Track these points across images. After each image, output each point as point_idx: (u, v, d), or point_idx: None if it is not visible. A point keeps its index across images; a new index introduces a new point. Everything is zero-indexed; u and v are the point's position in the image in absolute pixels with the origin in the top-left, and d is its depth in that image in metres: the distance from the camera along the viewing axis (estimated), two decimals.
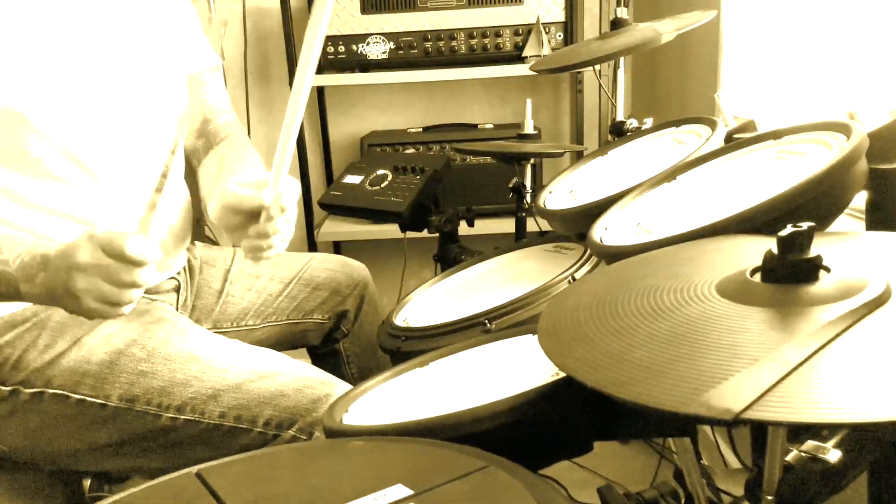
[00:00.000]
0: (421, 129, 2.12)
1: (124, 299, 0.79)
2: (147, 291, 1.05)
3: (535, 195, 1.38)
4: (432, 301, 1.08)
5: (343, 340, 1.30)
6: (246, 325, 1.22)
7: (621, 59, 1.55)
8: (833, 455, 0.51)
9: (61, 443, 0.94)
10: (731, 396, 0.37)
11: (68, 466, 0.99)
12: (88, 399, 0.90)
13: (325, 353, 1.32)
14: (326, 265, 1.29)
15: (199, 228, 1.79)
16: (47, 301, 0.83)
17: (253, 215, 0.89)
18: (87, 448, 0.94)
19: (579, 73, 2.14)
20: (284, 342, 1.27)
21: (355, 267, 1.31)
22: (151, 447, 0.93)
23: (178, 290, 1.13)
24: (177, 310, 1.14)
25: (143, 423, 0.91)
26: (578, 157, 1.49)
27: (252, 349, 0.98)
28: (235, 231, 0.92)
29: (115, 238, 0.77)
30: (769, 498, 0.51)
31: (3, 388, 0.90)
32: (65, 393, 0.90)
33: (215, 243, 1.90)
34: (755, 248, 0.51)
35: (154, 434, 0.91)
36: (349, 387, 0.89)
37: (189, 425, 0.91)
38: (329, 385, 0.93)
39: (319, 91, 2.25)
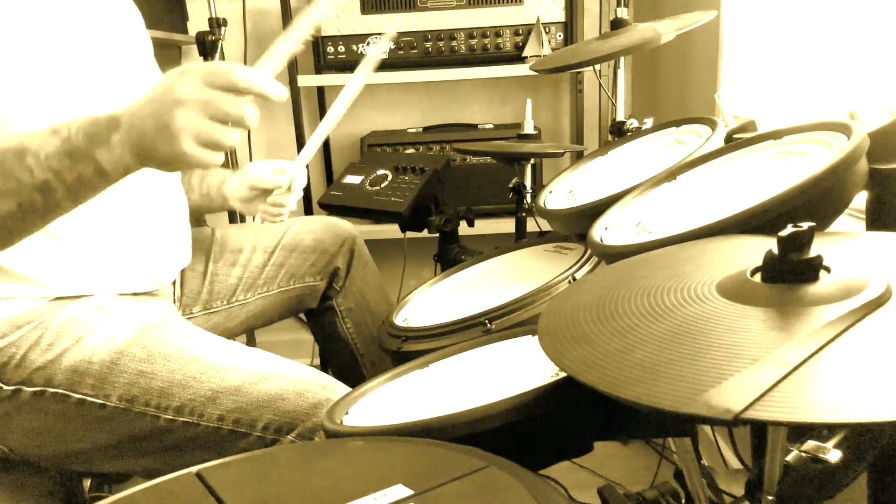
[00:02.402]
0: (421, 129, 2.12)
1: (226, 139, 0.74)
2: (147, 293, 1.06)
3: (535, 195, 1.38)
4: (432, 301, 1.08)
5: (336, 297, 1.31)
6: (237, 301, 1.21)
7: (621, 59, 1.55)
8: (833, 455, 0.51)
9: (61, 443, 0.94)
10: (731, 396, 0.37)
11: (68, 467, 0.99)
12: (88, 399, 0.90)
13: (320, 312, 1.32)
14: (310, 227, 1.30)
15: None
16: (133, 160, 0.75)
17: (266, 191, 1.16)
18: (87, 448, 0.94)
19: (579, 73, 2.14)
20: (281, 310, 1.27)
21: (339, 224, 1.32)
22: (150, 449, 0.93)
23: (173, 283, 1.13)
24: (174, 301, 1.14)
25: (142, 424, 0.91)
26: (578, 157, 1.49)
27: (252, 351, 0.98)
28: (248, 203, 1.17)
29: (217, 67, 0.72)
30: (769, 498, 0.51)
31: (6, 387, 0.90)
32: (65, 392, 0.90)
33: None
34: (755, 248, 0.51)
35: (152, 436, 0.91)
36: (349, 390, 0.89)
37: (187, 427, 0.90)
38: (329, 389, 0.92)
39: (319, 91, 2.25)
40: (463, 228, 1.48)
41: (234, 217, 1.90)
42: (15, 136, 0.76)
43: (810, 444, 0.52)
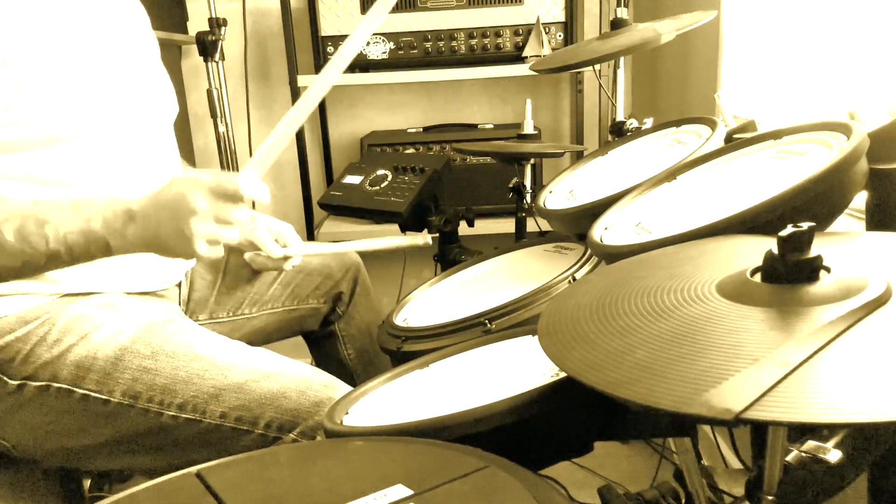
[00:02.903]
0: (421, 129, 2.12)
1: (231, 238, 0.86)
2: (153, 293, 1.07)
3: (535, 195, 1.38)
4: (432, 301, 1.08)
5: (338, 322, 1.32)
6: (243, 315, 1.22)
7: (621, 59, 1.55)
8: (833, 455, 0.51)
9: (65, 439, 0.94)
10: (731, 396, 0.37)
11: (71, 464, 0.99)
12: (92, 394, 0.90)
13: (322, 337, 1.33)
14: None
15: None
16: (143, 250, 0.85)
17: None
18: (90, 445, 0.94)
19: (579, 73, 2.14)
20: (284, 329, 1.28)
21: (345, 252, 1.33)
22: (152, 446, 0.93)
23: (179, 285, 1.14)
24: (179, 304, 1.14)
25: (145, 420, 0.91)
26: (578, 157, 1.49)
27: (255, 350, 0.98)
28: (245, 245, 1.17)
29: (226, 182, 0.84)
30: (769, 498, 0.51)
31: (11, 382, 0.90)
32: (69, 388, 0.90)
33: None
34: (755, 248, 0.51)
35: (155, 432, 0.92)
36: (350, 389, 0.89)
37: (190, 424, 0.91)
38: (331, 388, 0.93)
39: None
40: (463, 228, 1.48)
41: None
42: (40, 202, 0.84)
43: (810, 444, 0.52)
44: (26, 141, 0.88)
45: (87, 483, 1.15)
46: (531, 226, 1.47)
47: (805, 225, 0.46)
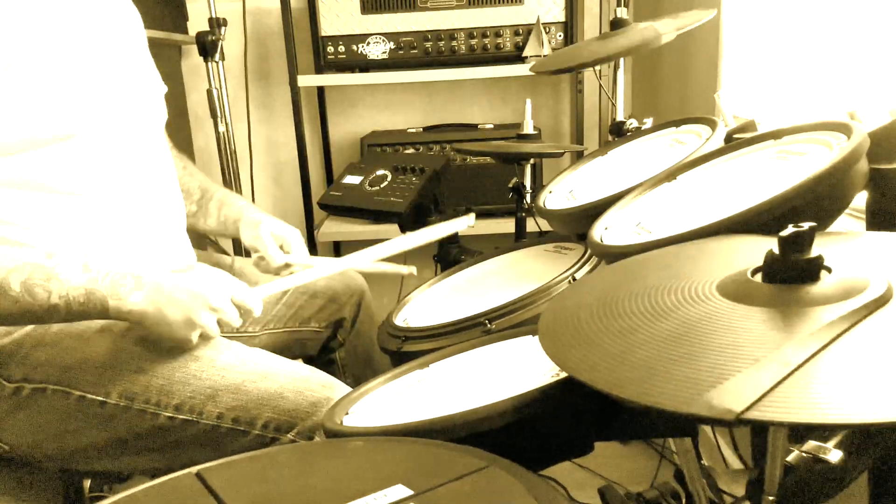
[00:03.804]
0: (421, 129, 2.12)
1: (216, 336, 0.93)
2: None
3: (535, 195, 1.38)
4: (432, 301, 1.08)
5: (339, 350, 1.30)
6: (246, 332, 1.22)
7: (621, 60, 1.54)
8: (834, 455, 0.51)
9: (61, 441, 0.94)
10: (732, 397, 0.37)
11: (68, 465, 0.99)
12: (89, 396, 0.90)
13: (322, 364, 1.32)
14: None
15: (200, 236, 1.81)
16: (136, 319, 0.87)
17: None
18: (87, 446, 0.94)
19: (579, 73, 2.14)
20: (283, 351, 1.27)
21: (352, 276, 1.31)
22: (150, 447, 0.93)
23: None
24: None
25: (142, 421, 0.91)
26: (578, 157, 1.49)
27: (252, 350, 0.98)
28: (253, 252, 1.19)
29: (248, 302, 0.93)
30: (770, 498, 0.51)
31: (8, 384, 0.90)
32: (66, 389, 0.90)
33: (214, 243, 1.89)
34: (756, 248, 0.51)
35: (152, 433, 0.91)
36: (348, 389, 0.89)
37: (187, 425, 0.91)
38: (329, 388, 0.92)
39: (319, 91, 2.25)
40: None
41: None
42: (49, 254, 0.85)
43: (811, 444, 0.52)
44: (11, 144, 0.87)
45: (87, 483, 1.15)
46: (531, 226, 1.47)
47: (806, 225, 0.46)
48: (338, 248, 2.32)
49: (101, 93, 0.95)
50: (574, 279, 0.91)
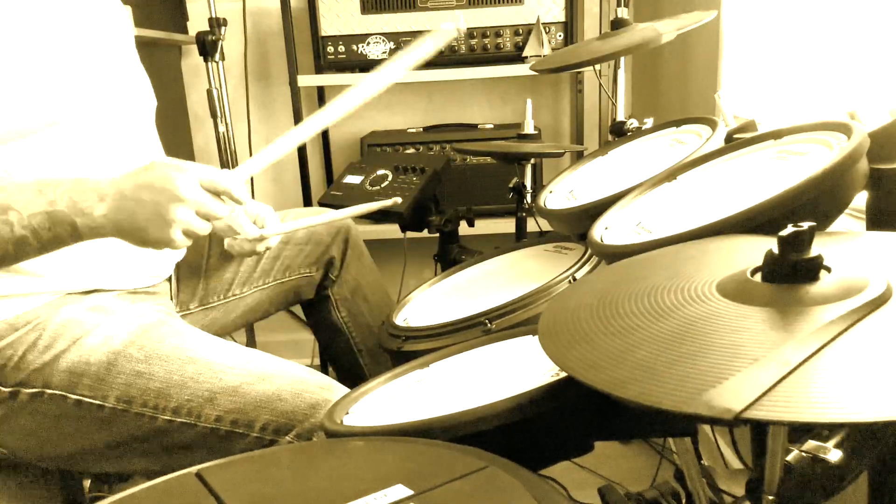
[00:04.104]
0: (421, 129, 2.12)
1: (205, 231, 0.86)
2: (144, 290, 1.06)
3: (535, 195, 1.38)
4: (432, 301, 1.08)
5: (331, 287, 1.31)
6: (234, 295, 1.21)
7: (621, 59, 1.55)
8: (833, 455, 0.51)
9: (60, 444, 0.93)
10: (731, 396, 0.37)
11: (68, 467, 0.99)
12: (86, 400, 0.90)
13: (316, 302, 1.32)
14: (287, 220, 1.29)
15: None
16: (112, 233, 0.83)
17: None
18: (86, 450, 0.94)
19: (579, 73, 2.14)
20: (278, 302, 1.27)
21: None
22: (148, 450, 0.93)
23: (169, 279, 1.13)
24: (171, 298, 1.14)
25: (140, 424, 0.91)
26: (578, 157, 1.49)
27: (250, 352, 0.97)
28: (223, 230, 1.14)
29: (220, 181, 0.85)
30: (770, 498, 0.51)
31: (4, 389, 0.90)
32: (63, 393, 0.90)
33: None
34: (755, 248, 0.51)
35: (151, 436, 0.91)
36: (347, 390, 0.89)
37: (185, 428, 0.90)
38: (327, 390, 0.92)
39: (319, 91, 2.25)
40: (463, 228, 1.47)
41: None
42: (4, 188, 0.81)
43: (811, 443, 0.52)
44: None
45: (87, 483, 1.15)
46: (531, 226, 1.47)
47: (805, 225, 0.46)
48: None
49: (82, 81, 0.94)
50: (574, 279, 0.91)
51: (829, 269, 0.48)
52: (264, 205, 1.16)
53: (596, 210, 0.87)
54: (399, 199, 1.18)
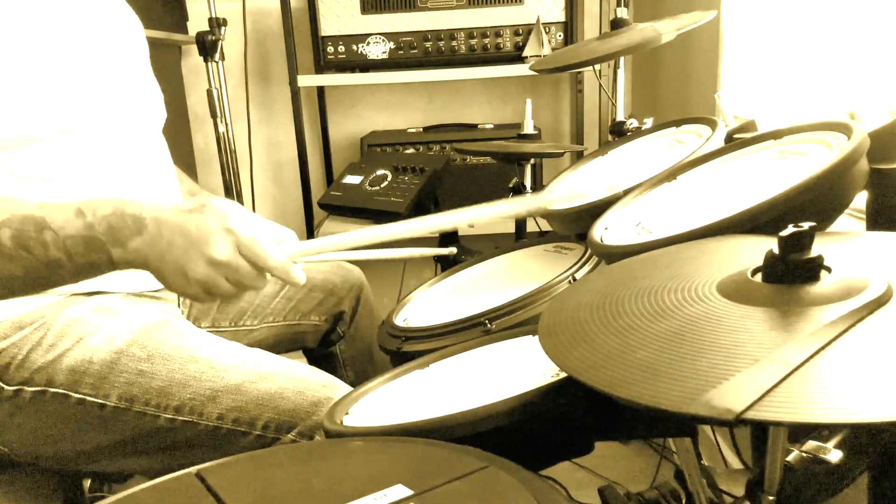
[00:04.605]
0: (421, 129, 2.12)
1: (235, 298, 0.79)
2: (151, 294, 1.06)
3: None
4: (432, 301, 1.08)
5: (339, 343, 1.31)
6: (245, 326, 1.22)
7: (621, 59, 1.55)
8: (834, 455, 0.51)
9: (62, 443, 0.94)
10: (732, 396, 0.37)
11: (69, 467, 0.99)
12: (89, 399, 0.90)
13: (321, 357, 1.32)
14: (322, 267, 1.29)
15: None
16: (141, 267, 0.78)
17: None
18: (87, 449, 0.94)
19: (579, 73, 2.14)
20: (282, 343, 1.27)
21: (350, 269, 1.32)
22: (150, 449, 0.93)
23: None
24: (179, 307, 1.14)
25: (142, 423, 0.91)
26: (578, 157, 1.49)
27: (251, 351, 0.98)
28: None
29: (259, 246, 0.76)
30: (770, 498, 0.51)
31: (7, 387, 0.90)
32: (66, 392, 0.90)
33: None
34: (755, 248, 0.51)
35: (153, 435, 0.91)
36: (349, 389, 0.89)
37: (187, 427, 0.90)
38: (329, 388, 0.92)
39: (319, 91, 2.25)
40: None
41: None
42: (40, 205, 0.77)
43: (811, 444, 0.52)
44: (12, 139, 0.87)
45: (87, 483, 1.15)
46: (531, 226, 1.47)
47: (806, 225, 0.46)
48: None
49: (98, 90, 0.95)
50: (574, 279, 0.91)
51: (829, 270, 0.48)
52: (287, 230, 1.16)
53: (596, 210, 0.87)
54: (454, 250, 1.15)
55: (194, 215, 0.76)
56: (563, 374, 0.60)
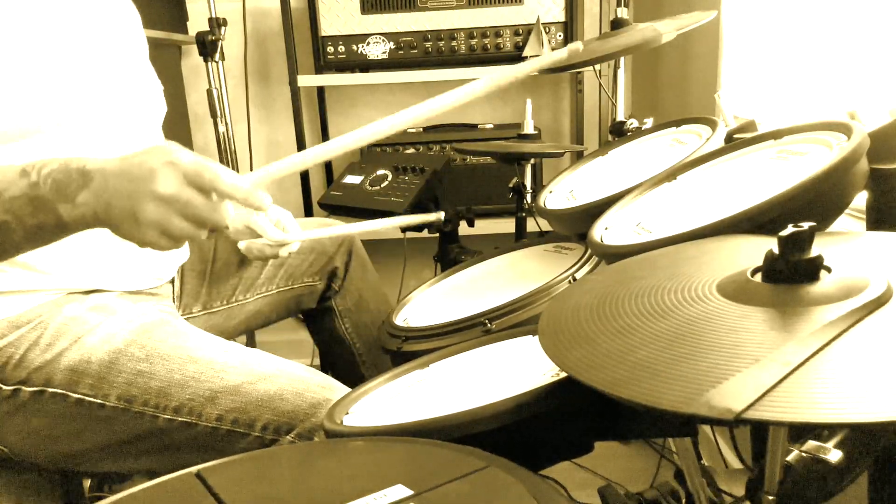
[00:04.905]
0: (421, 130, 2.12)
1: (194, 236, 0.73)
2: (147, 291, 1.06)
3: (535, 195, 1.38)
4: (432, 301, 1.08)
5: (335, 297, 1.31)
6: (237, 301, 1.21)
7: (621, 59, 1.55)
8: (833, 455, 0.51)
9: (60, 443, 0.93)
10: (732, 396, 0.37)
11: (68, 467, 0.99)
12: (87, 399, 0.90)
13: (319, 312, 1.33)
14: (308, 228, 1.29)
15: None
16: (93, 223, 0.73)
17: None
18: (86, 449, 0.94)
19: (579, 73, 2.14)
20: (280, 310, 1.28)
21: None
22: (149, 449, 0.93)
23: (172, 282, 1.14)
24: (173, 300, 1.14)
25: (141, 424, 0.91)
26: (578, 157, 1.49)
27: (251, 351, 0.98)
28: (238, 233, 1.11)
29: (206, 170, 0.70)
30: (770, 498, 0.51)
31: (5, 387, 0.90)
32: (64, 392, 0.90)
33: None
34: (755, 248, 0.51)
35: (151, 436, 0.91)
36: (347, 390, 0.89)
37: (186, 427, 0.90)
38: (328, 389, 0.92)
39: (319, 91, 2.25)
40: (463, 228, 1.47)
41: None
42: None
43: (811, 444, 0.52)
44: (6, 133, 0.87)
45: (87, 483, 1.15)
46: (531, 226, 1.47)
47: (805, 225, 0.46)
48: None
49: (88, 81, 0.95)
50: (574, 279, 0.91)
51: (829, 270, 0.48)
52: (283, 210, 1.16)
53: (596, 210, 0.87)
54: (442, 214, 1.15)
55: (136, 157, 0.72)
56: (563, 374, 0.60)
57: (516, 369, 0.72)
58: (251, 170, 2.31)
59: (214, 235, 0.83)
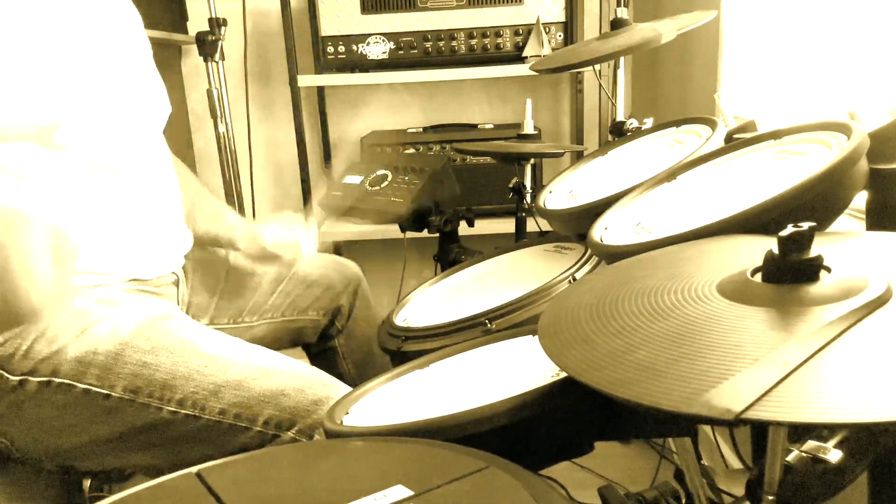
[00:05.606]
0: (421, 129, 2.12)
1: None
2: (149, 286, 1.07)
3: (535, 195, 1.38)
4: (432, 301, 1.08)
5: (338, 337, 1.32)
6: (244, 323, 1.23)
7: (621, 59, 1.55)
8: (834, 455, 0.51)
9: (64, 436, 0.94)
10: (731, 396, 0.37)
11: (69, 462, 0.99)
12: (94, 389, 0.91)
13: (321, 351, 1.34)
14: (319, 263, 1.32)
15: None
16: None
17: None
18: (90, 441, 0.94)
19: (579, 73, 2.14)
20: (282, 339, 1.29)
21: (347, 265, 1.34)
22: (151, 442, 0.94)
23: (177, 284, 1.14)
24: (178, 304, 1.15)
25: (145, 415, 0.91)
26: (578, 157, 1.49)
27: (254, 347, 0.99)
28: (255, 260, 1.22)
29: None
30: (770, 498, 0.51)
31: (12, 378, 0.90)
32: (71, 382, 0.90)
33: None
34: (755, 248, 0.51)
35: (154, 428, 0.92)
36: (349, 389, 0.89)
37: (189, 420, 0.91)
38: (330, 387, 0.93)
39: (319, 91, 2.25)
40: (463, 228, 1.48)
41: None
42: None
43: (811, 444, 0.52)
44: (8, 131, 0.87)
45: (87, 483, 1.15)
46: (531, 226, 1.47)
47: (805, 225, 0.46)
48: (338, 249, 2.32)
49: (88, 80, 0.95)
50: (574, 279, 0.91)
51: (829, 270, 0.48)
52: (293, 234, 1.22)
53: (596, 210, 0.87)
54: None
55: None
56: (563, 374, 0.60)
57: (516, 369, 0.72)
58: (251, 169, 2.31)
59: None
